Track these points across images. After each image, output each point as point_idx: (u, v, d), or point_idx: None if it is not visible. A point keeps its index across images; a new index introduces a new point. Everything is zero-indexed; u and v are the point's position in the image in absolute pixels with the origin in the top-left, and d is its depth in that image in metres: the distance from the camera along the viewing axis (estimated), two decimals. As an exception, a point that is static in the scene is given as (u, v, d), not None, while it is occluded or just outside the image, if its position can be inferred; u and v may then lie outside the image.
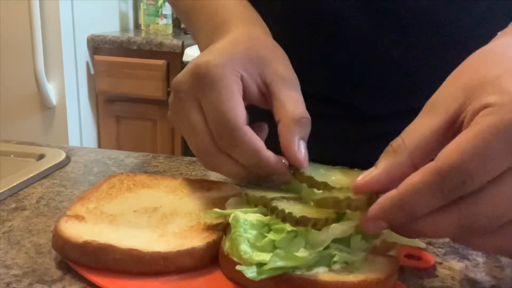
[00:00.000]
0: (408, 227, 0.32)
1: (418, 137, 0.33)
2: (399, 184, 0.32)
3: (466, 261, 0.41)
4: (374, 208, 0.33)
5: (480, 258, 0.42)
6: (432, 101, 0.35)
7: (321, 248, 0.35)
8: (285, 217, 0.36)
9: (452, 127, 0.33)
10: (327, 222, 0.35)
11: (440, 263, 0.41)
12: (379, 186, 0.34)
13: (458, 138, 0.30)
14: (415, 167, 0.32)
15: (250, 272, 0.33)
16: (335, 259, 0.35)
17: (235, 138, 0.41)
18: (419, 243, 0.40)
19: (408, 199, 0.31)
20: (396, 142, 0.34)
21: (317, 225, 0.35)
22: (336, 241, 0.36)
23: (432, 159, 0.31)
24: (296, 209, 0.36)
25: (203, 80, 0.42)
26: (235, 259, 0.35)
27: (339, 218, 0.37)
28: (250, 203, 0.40)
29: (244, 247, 0.35)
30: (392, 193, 0.32)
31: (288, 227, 0.36)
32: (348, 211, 0.35)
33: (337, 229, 0.36)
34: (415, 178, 0.31)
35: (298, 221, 0.35)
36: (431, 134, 0.33)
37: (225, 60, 0.43)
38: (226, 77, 0.42)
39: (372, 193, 0.34)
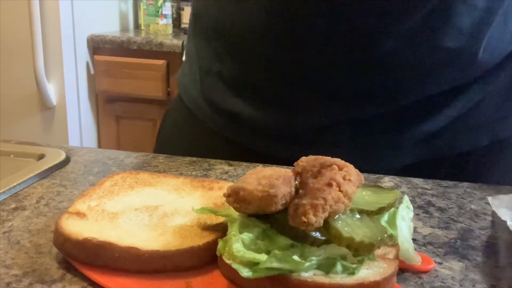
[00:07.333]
0: None
1: None
2: None
3: (466, 261, 0.41)
4: None
5: (480, 258, 0.42)
6: None
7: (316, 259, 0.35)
8: (285, 232, 0.36)
9: None
10: (326, 241, 0.36)
11: (440, 263, 0.41)
12: None
13: None
14: None
15: (246, 271, 0.33)
16: (335, 268, 0.35)
17: None
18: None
19: None
20: None
21: (316, 243, 0.36)
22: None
23: None
24: None
25: None
26: (224, 258, 0.35)
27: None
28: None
29: (237, 246, 0.35)
30: None
31: (284, 239, 0.36)
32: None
33: (334, 250, 0.36)
34: None
35: (297, 237, 0.35)
36: None
37: None
38: None
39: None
